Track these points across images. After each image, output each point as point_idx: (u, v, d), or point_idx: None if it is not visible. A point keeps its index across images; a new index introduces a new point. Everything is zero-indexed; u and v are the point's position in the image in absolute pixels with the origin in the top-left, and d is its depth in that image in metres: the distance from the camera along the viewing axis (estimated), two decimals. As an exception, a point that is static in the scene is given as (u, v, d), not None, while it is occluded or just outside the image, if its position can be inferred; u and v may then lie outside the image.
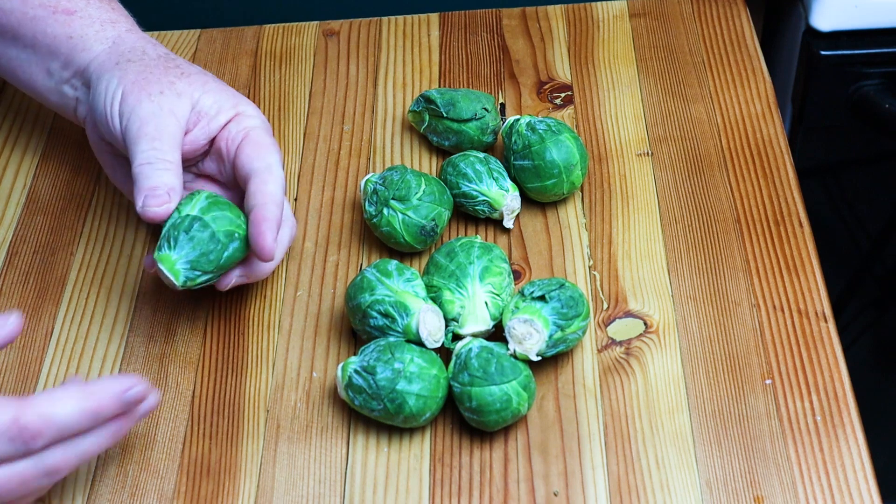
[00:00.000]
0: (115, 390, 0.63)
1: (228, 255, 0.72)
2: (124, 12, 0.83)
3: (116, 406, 0.63)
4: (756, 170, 0.86)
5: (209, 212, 0.71)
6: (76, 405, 0.62)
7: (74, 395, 0.62)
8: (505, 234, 0.84)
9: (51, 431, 0.61)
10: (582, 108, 0.93)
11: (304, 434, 0.73)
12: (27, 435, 0.60)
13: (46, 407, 0.61)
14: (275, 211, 0.72)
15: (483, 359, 0.70)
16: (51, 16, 0.79)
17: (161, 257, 0.71)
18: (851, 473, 0.69)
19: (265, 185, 0.73)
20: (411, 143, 0.91)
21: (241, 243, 0.72)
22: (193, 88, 0.76)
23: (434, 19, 1.02)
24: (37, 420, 0.60)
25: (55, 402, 0.61)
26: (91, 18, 0.80)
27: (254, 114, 0.77)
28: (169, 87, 0.75)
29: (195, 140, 0.76)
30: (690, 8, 1.00)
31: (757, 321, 0.77)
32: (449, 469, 0.71)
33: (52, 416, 0.61)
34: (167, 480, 0.72)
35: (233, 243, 0.72)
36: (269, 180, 0.73)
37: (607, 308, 0.78)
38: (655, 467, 0.70)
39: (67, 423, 0.61)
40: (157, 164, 0.72)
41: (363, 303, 0.74)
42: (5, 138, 0.95)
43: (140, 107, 0.73)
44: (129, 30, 0.80)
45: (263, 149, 0.75)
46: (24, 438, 0.60)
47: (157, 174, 0.71)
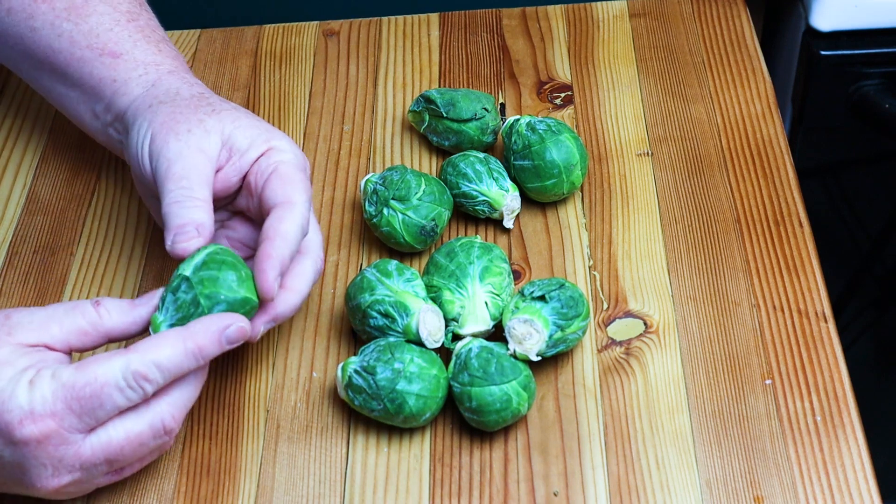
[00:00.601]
0: (216, 328, 0.65)
1: (240, 298, 0.68)
2: (172, 52, 0.82)
3: (218, 345, 0.65)
4: (756, 170, 0.86)
5: (201, 271, 0.67)
6: (179, 347, 0.64)
7: (176, 337, 0.64)
8: (505, 234, 0.84)
9: (160, 374, 0.63)
10: (582, 108, 0.93)
11: (304, 434, 0.73)
12: (139, 379, 0.63)
13: (152, 353, 0.63)
14: (281, 248, 0.69)
15: (483, 359, 0.70)
16: (97, 58, 0.79)
17: (153, 318, 0.68)
18: (851, 473, 0.69)
19: (279, 222, 0.70)
20: (411, 143, 0.91)
21: (228, 306, 0.67)
22: (224, 124, 0.74)
23: (434, 19, 1.02)
24: (144, 366, 0.63)
25: (160, 347, 0.64)
26: (136, 62, 0.79)
27: (287, 148, 0.74)
28: (197, 125, 0.73)
29: (227, 177, 0.74)
30: (690, 8, 1.00)
31: (757, 321, 0.77)
32: (449, 469, 0.71)
33: (158, 360, 0.63)
34: (167, 480, 0.72)
35: (218, 306, 0.67)
36: (285, 217, 0.70)
37: (607, 308, 0.78)
38: (655, 467, 0.70)
39: (173, 365, 0.64)
40: (186, 202, 0.70)
41: (363, 303, 0.74)
42: (5, 138, 0.95)
43: (167, 147, 0.72)
44: (170, 71, 0.79)
45: (289, 184, 0.72)
46: (137, 383, 0.63)
47: (184, 212, 0.70)
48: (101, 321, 0.66)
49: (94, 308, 0.66)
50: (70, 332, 0.66)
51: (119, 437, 0.64)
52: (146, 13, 0.83)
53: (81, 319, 0.66)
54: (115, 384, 0.62)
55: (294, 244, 0.70)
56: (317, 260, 0.74)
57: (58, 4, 0.80)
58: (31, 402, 0.62)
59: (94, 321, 0.66)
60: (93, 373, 0.62)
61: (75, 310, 0.66)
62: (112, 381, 0.62)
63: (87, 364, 0.63)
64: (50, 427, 0.62)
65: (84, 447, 0.63)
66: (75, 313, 0.66)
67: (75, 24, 0.80)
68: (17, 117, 0.97)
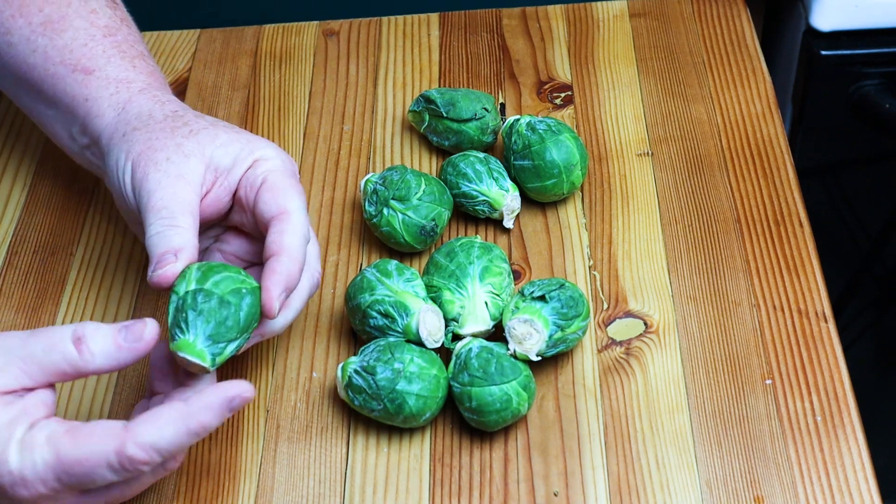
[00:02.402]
0: (219, 403, 0.61)
1: (247, 313, 0.66)
2: (148, 67, 0.79)
3: (220, 418, 0.62)
4: (756, 170, 0.86)
5: (207, 279, 0.65)
6: (182, 428, 0.60)
7: (178, 417, 0.60)
8: (505, 234, 0.84)
9: (157, 456, 0.60)
10: (582, 108, 0.93)
11: (304, 434, 0.73)
12: (134, 466, 0.60)
13: (150, 436, 0.60)
14: (287, 265, 0.67)
15: (483, 359, 0.70)
16: (70, 74, 0.77)
17: (179, 346, 0.64)
18: (851, 473, 0.69)
19: (281, 236, 0.68)
20: (411, 143, 0.91)
21: (253, 297, 0.66)
22: (203, 146, 0.71)
23: (434, 19, 1.02)
24: (142, 452, 0.59)
25: (160, 428, 0.60)
26: (108, 80, 0.76)
27: (272, 155, 0.72)
28: (176, 151, 0.71)
29: (218, 198, 0.72)
30: (690, 8, 1.00)
31: (757, 321, 0.77)
32: (449, 469, 0.71)
33: (157, 444, 0.60)
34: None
35: (245, 300, 0.65)
36: (285, 230, 0.68)
37: (607, 308, 0.78)
38: (655, 467, 0.70)
39: (172, 448, 0.60)
40: (166, 231, 0.67)
41: (363, 303, 0.74)
42: (5, 138, 0.95)
43: (147, 180, 0.70)
44: (142, 89, 0.76)
45: (281, 193, 0.70)
46: (131, 469, 0.60)
47: (164, 241, 0.67)
48: (84, 364, 0.62)
49: (75, 348, 0.62)
50: (50, 374, 0.62)
51: None
52: (126, 28, 0.81)
53: (62, 362, 0.62)
54: (108, 465, 0.60)
55: (300, 256, 0.68)
56: (313, 273, 0.72)
57: (34, 19, 0.78)
58: (21, 468, 0.60)
59: (75, 363, 0.62)
60: (87, 450, 0.59)
61: (55, 349, 0.61)
62: (104, 463, 0.59)
63: (82, 437, 0.60)
64: (41, 492, 0.60)
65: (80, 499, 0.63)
66: (55, 354, 0.61)
67: (50, 38, 0.78)
68: (18, 117, 0.97)
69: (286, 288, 0.67)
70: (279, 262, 0.67)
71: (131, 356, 0.63)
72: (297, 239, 0.68)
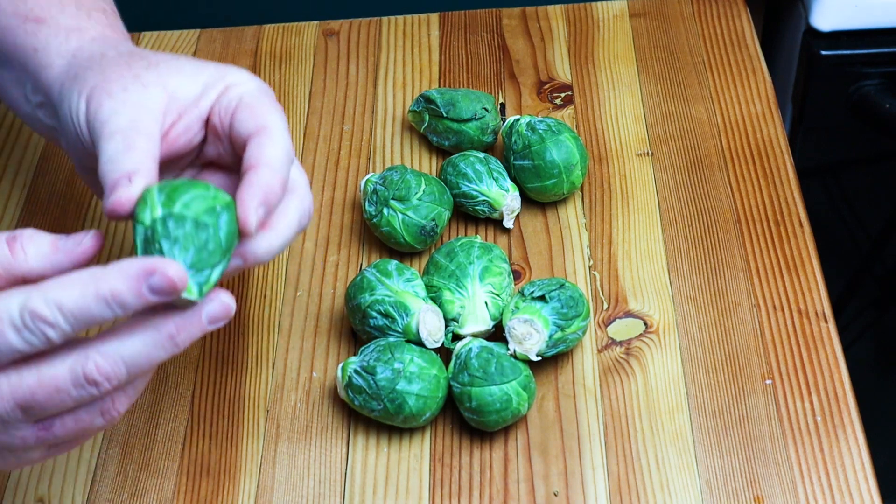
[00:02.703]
0: (135, 270, 0.54)
1: (227, 232, 0.58)
2: (108, 21, 0.72)
3: (136, 293, 0.54)
4: (756, 170, 0.86)
5: (174, 201, 0.58)
6: (89, 289, 0.53)
7: (87, 278, 0.54)
8: (505, 234, 0.84)
9: (62, 319, 0.53)
10: (582, 108, 0.93)
11: (304, 434, 0.73)
12: (37, 320, 0.53)
13: (55, 292, 0.53)
14: (266, 176, 0.60)
15: (483, 359, 0.70)
16: (21, 25, 0.70)
17: None
18: (851, 473, 0.69)
19: (260, 149, 0.61)
20: (411, 143, 0.91)
21: (230, 213, 0.59)
22: (164, 77, 0.65)
23: (434, 19, 1.02)
24: (45, 306, 0.53)
25: (65, 286, 0.53)
26: (58, 28, 0.69)
27: (245, 79, 0.66)
28: (133, 82, 0.64)
29: (188, 129, 0.65)
30: (690, 8, 1.00)
31: (757, 321, 0.77)
32: (449, 469, 0.71)
33: (61, 301, 0.53)
34: (167, 480, 0.72)
35: (221, 218, 0.58)
36: (264, 143, 0.62)
37: (607, 308, 0.78)
38: (655, 467, 0.70)
39: (79, 309, 0.53)
40: (116, 156, 0.60)
41: (363, 303, 0.74)
42: (5, 138, 0.95)
43: (101, 110, 0.63)
44: (93, 38, 0.69)
45: (259, 110, 0.63)
46: (36, 325, 0.53)
47: (116, 167, 0.60)
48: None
49: (7, 246, 0.56)
50: None
51: (31, 378, 0.55)
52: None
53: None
54: (10, 322, 0.53)
55: (281, 170, 0.61)
56: (303, 199, 0.65)
57: None
58: None
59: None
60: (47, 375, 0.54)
61: None
62: (7, 318, 0.53)
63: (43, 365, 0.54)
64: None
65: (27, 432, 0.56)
66: None
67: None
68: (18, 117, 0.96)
69: (264, 202, 0.60)
70: (256, 174, 0.60)
71: (67, 260, 0.57)
72: (278, 152, 0.62)
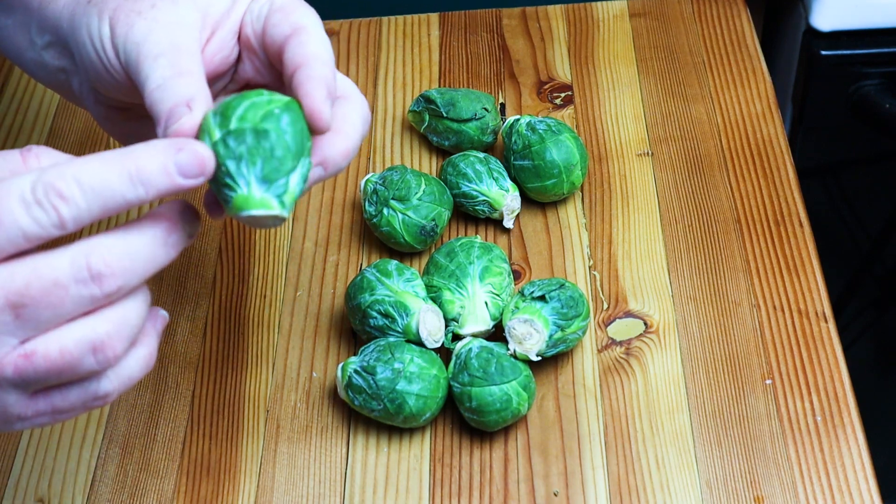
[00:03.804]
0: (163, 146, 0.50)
1: (293, 134, 0.53)
2: None
3: (164, 171, 0.50)
4: (756, 170, 0.86)
5: (229, 119, 0.53)
6: (113, 163, 0.49)
7: (111, 154, 0.49)
8: (505, 234, 0.83)
9: (80, 192, 0.48)
10: (582, 108, 0.93)
11: (304, 434, 0.73)
12: (51, 194, 0.47)
13: (75, 166, 0.48)
14: (319, 68, 0.56)
15: (483, 359, 0.70)
16: None
17: (236, 206, 0.52)
18: (851, 473, 0.69)
19: (301, 47, 0.57)
20: (411, 143, 0.91)
21: (291, 113, 0.54)
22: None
23: (434, 19, 1.02)
24: (61, 178, 0.47)
25: (86, 160, 0.48)
26: None
27: None
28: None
29: (222, 46, 0.61)
30: (690, 8, 1.00)
31: (757, 321, 0.77)
32: (449, 469, 0.71)
33: (80, 174, 0.48)
34: (167, 480, 0.72)
35: (282, 119, 0.53)
36: (304, 41, 0.57)
37: (607, 308, 0.78)
38: (655, 467, 0.70)
39: (100, 184, 0.48)
40: (168, 82, 0.56)
41: (363, 303, 0.74)
42: (5, 138, 0.95)
43: (133, 31, 0.58)
44: None
45: (292, 12, 0.59)
46: (48, 199, 0.47)
47: (169, 93, 0.55)
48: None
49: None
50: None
51: (25, 268, 0.48)
52: None
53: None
54: (20, 196, 0.47)
55: (330, 63, 0.57)
56: (361, 102, 0.61)
57: None
58: None
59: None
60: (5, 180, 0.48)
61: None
62: (17, 192, 0.47)
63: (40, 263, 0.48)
64: None
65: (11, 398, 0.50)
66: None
67: None
68: (17, 117, 0.97)
69: (329, 93, 0.56)
70: (309, 68, 0.56)
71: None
72: (321, 48, 0.58)
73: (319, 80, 0.56)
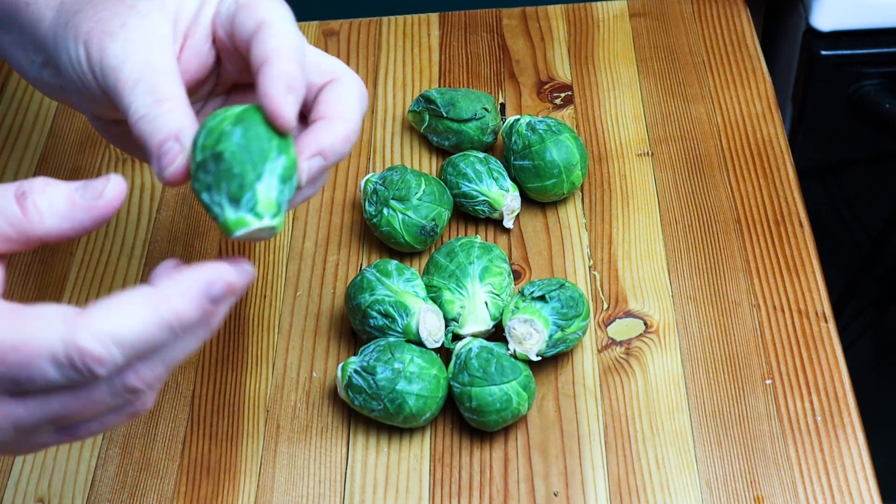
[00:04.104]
0: (196, 289, 0.49)
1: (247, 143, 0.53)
2: None
3: (199, 310, 0.49)
4: (756, 170, 0.86)
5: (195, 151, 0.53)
6: (151, 317, 0.47)
7: (145, 304, 0.47)
8: (505, 234, 0.83)
9: (119, 353, 0.47)
10: (582, 108, 0.93)
11: (304, 434, 0.73)
12: (85, 363, 0.47)
13: (110, 324, 0.47)
14: (281, 65, 0.55)
15: (483, 359, 0.70)
16: None
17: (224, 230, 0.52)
18: (851, 473, 0.69)
19: (262, 44, 0.56)
20: (411, 143, 0.91)
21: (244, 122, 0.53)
22: None
23: (434, 19, 1.02)
24: (98, 344, 0.46)
25: (122, 316, 0.47)
26: None
27: None
28: (130, 13, 0.58)
29: (197, 51, 0.60)
30: (690, 8, 1.00)
31: (757, 321, 0.77)
32: (449, 469, 0.71)
33: (118, 335, 0.47)
34: (167, 480, 0.72)
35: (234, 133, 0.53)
36: (266, 37, 0.56)
37: (607, 308, 0.78)
38: (655, 467, 0.70)
39: (138, 344, 0.47)
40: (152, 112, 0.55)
41: (363, 303, 0.74)
42: (5, 138, 0.95)
43: (107, 55, 0.57)
44: None
45: (255, 7, 0.57)
46: (81, 368, 0.47)
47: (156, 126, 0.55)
48: (28, 223, 0.50)
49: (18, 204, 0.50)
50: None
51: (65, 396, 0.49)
52: None
53: (3, 223, 0.50)
54: (52, 358, 0.47)
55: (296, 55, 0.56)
56: (353, 80, 0.59)
57: None
58: None
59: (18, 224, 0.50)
60: (28, 333, 0.47)
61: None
62: (47, 354, 0.46)
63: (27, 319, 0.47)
64: None
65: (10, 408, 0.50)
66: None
67: None
68: (17, 117, 0.97)
69: (290, 87, 0.54)
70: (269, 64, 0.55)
71: (89, 217, 0.50)
72: (286, 41, 0.56)
73: (278, 78, 0.54)
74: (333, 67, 0.60)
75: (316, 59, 0.60)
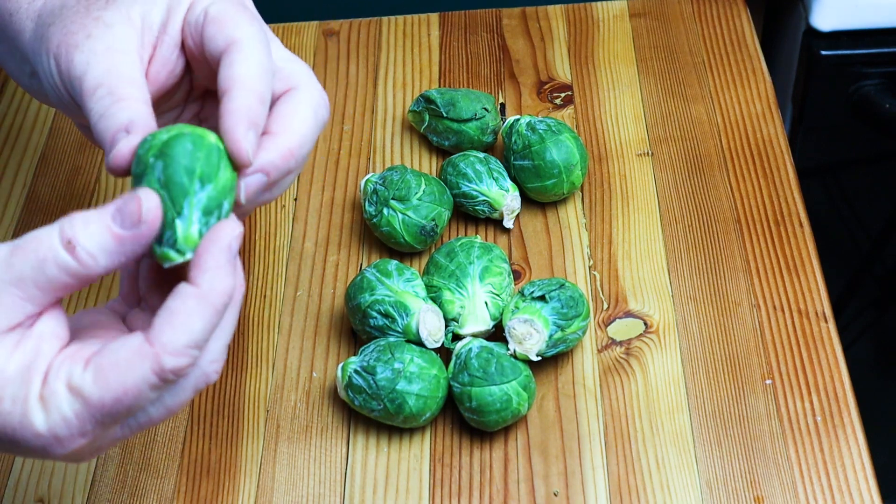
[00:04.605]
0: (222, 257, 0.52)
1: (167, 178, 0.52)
2: None
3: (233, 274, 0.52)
4: (756, 170, 0.86)
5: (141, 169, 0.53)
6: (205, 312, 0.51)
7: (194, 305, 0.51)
8: (505, 234, 0.83)
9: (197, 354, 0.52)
10: (582, 108, 0.93)
11: (304, 434, 0.73)
12: (179, 374, 0.51)
13: (181, 338, 0.51)
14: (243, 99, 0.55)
15: (483, 359, 0.70)
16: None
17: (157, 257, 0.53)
18: (851, 473, 0.69)
19: (229, 68, 0.55)
20: (411, 143, 0.91)
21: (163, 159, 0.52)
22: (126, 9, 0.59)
23: (434, 19, 1.02)
24: (182, 358, 0.51)
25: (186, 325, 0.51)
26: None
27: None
28: (95, 25, 0.58)
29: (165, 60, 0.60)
30: (690, 8, 1.00)
31: (757, 321, 0.77)
32: (449, 469, 0.71)
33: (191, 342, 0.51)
34: (167, 480, 0.72)
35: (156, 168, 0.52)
36: (234, 60, 0.56)
37: (607, 308, 0.78)
38: (655, 467, 0.70)
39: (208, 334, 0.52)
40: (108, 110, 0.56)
41: (363, 303, 0.74)
42: (5, 138, 0.95)
43: (73, 66, 0.58)
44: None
45: (227, 22, 0.57)
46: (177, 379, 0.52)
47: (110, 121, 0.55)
48: (87, 270, 0.52)
49: (69, 255, 0.51)
50: (52, 291, 0.51)
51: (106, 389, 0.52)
52: None
53: (61, 274, 0.51)
54: (151, 387, 0.51)
55: (259, 85, 0.56)
56: (311, 90, 0.59)
57: None
58: (51, 428, 0.51)
59: (75, 272, 0.52)
60: (121, 384, 0.50)
61: (46, 263, 0.51)
62: (146, 387, 0.51)
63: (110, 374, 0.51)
64: (82, 444, 0.52)
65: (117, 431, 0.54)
66: (49, 267, 0.51)
67: None
68: (17, 117, 0.97)
69: (250, 123, 0.55)
70: (231, 98, 0.55)
71: (139, 245, 0.52)
72: (252, 68, 0.56)
73: (239, 114, 0.54)
74: (294, 74, 0.59)
75: (279, 63, 0.59)
